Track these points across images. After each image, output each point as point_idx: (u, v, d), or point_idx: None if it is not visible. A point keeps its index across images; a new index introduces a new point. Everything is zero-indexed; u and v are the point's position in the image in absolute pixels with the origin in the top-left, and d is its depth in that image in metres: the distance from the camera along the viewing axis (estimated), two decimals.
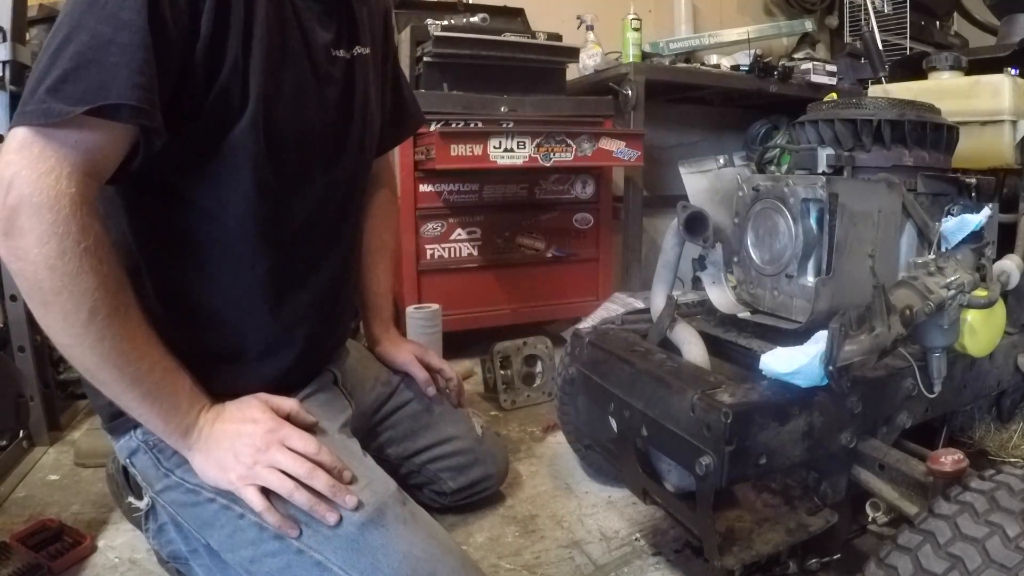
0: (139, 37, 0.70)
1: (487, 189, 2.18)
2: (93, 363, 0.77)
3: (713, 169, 1.11)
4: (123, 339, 0.76)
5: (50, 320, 0.74)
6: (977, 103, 1.31)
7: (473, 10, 2.36)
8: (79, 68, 0.69)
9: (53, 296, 0.72)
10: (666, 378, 0.91)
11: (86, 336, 0.74)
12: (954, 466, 0.77)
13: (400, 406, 1.23)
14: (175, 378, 0.82)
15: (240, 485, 0.83)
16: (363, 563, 0.81)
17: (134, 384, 0.78)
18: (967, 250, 0.95)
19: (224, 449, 0.84)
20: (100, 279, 0.73)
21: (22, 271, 0.71)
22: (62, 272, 0.71)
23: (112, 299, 0.75)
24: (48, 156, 0.69)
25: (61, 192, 0.69)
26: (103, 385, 0.79)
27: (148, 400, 0.80)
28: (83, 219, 0.71)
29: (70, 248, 0.70)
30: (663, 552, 1.15)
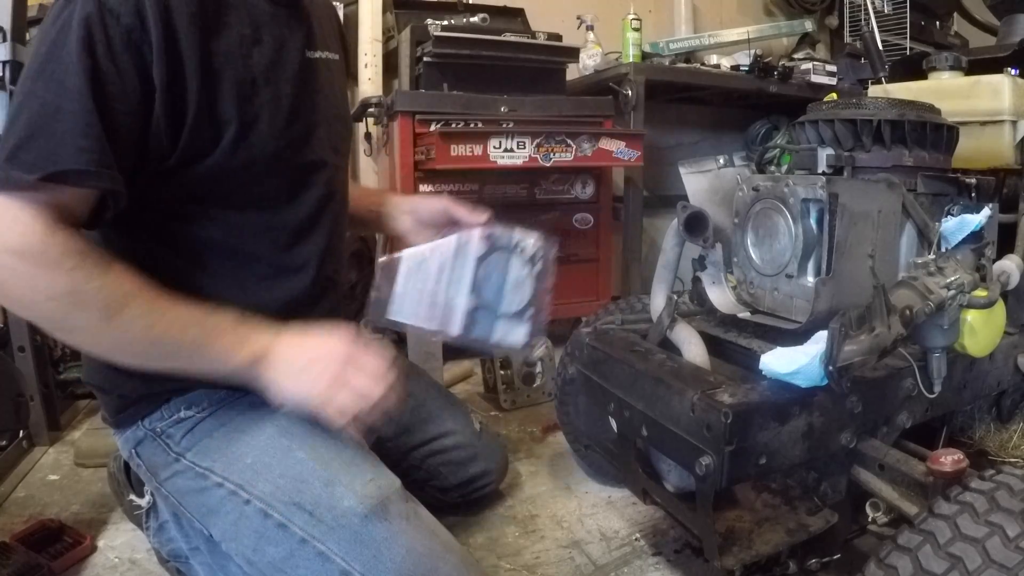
0: (83, 103, 0.72)
1: (487, 189, 2.18)
2: (135, 353, 0.80)
3: (713, 169, 1.11)
4: (147, 319, 0.77)
5: (80, 340, 0.78)
6: (977, 103, 1.31)
7: (473, 10, 2.36)
8: (31, 137, 0.72)
9: (67, 320, 0.75)
10: (666, 378, 0.91)
11: (116, 334, 0.76)
12: (954, 466, 0.77)
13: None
14: (215, 326, 0.81)
15: (320, 405, 0.84)
16: (365, 555, 0.82)
17: (178, 351, 0.80)
18: (967, 250, 0.95)
19: (301, 372, 0.84)
20: (101, 281, 0.74)
21: (34, 316, 0.75)
22: (61, 299, 0.73)
23: (119, 292, 0.76)
24: (17, 215, 0.71)
25: (35, 239, 0.72)
26: (156, 365, 0.81)
27: (200, 357, 0.81)
28: (60, 246, 0.73)
29: (59, 276, 0.72)
30: (663, 552, 1.16)
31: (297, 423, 0.94)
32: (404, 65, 2.17)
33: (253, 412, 0.94)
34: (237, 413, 0.93)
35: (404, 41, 2.15)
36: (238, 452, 0.90)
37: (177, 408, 0.92)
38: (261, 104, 0.87)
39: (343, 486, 0.86)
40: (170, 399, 0.93)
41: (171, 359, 0.81)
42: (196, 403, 0.93)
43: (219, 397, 0.94)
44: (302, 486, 0.86)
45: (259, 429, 0.92)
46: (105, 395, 0.96)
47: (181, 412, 0.92)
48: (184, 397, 0.93)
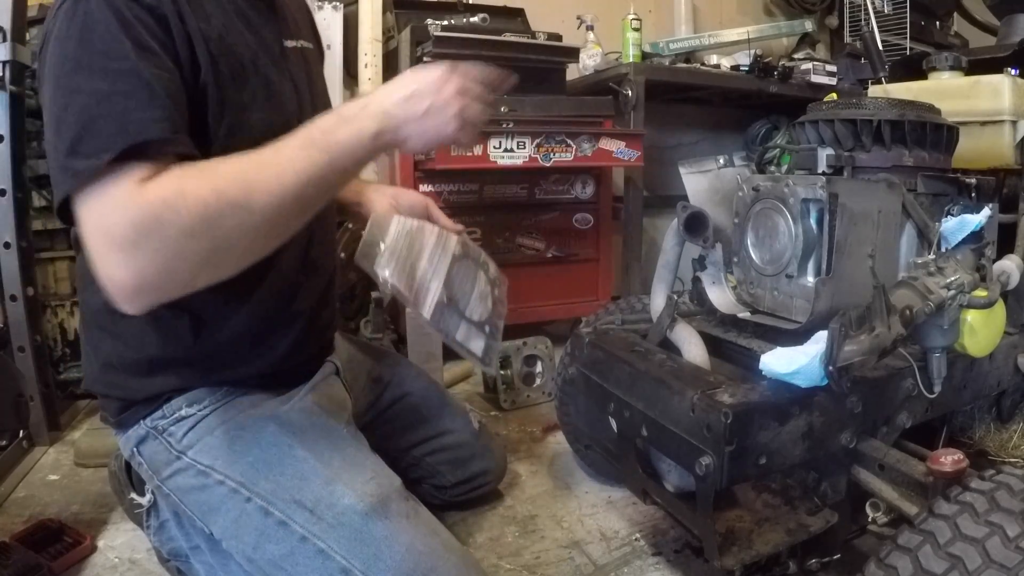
0: (139, 79, 0.71)
1: (487, 189, 2.18)
2: (295, 210, 0.75)
3: (713, 169, 1.11)
4: (273, 175, 0.72)
5: (249, 244, 0.73)
6: (977, 103, 1.31)
7: (473, 10, 2.36)
8: (88, 128, 0.69)
9: (223, 238, 0.70)
10: (666, 378, 0.91)
11: (266, 210, 0.71)
12: (954, 466, 0.77)
13: (396, 400, 1.24)
14: (321, 132, 0.76)
15: (458, 128, 0.82)
16: (366, 553, 0.82)
17: (321, 174, 0.75)
18: (967, 250, 0.95)
19: (425, 116, 0.80)
20: (211, 183, 0.70)
21: (199, 265, 0.70)
22: (202, 229, 0.68)
23: (231, 175, 0.71)
24: (109, 205, 0.68)
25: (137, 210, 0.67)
26: (318, 201, 0.77)
27: (339, 163, 0.76)
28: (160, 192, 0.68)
29: (182, 215, 0.67)
30: (663, 552, 1.16)
31: (298, 421, 0.94)
32: (404, 65, 2.18)
33: (254, 410, 0.94)
34: (238, 411, 0.93)
35: (404, 41, 2.15)
36: (239, 450, 0.90)
37: (179, 406, 0.93)
38: (254, 88, 0.88)
39: (344, 484, 0.87)
40: (172, 397, 0.93)
41: (323, 188, 0.77)
42: (198, 401, 0.93)
43: (220, 395, 0.94)
44: (303, 484, 0.87)
45: (261, 427, 0.92)
46: (107, 399, 0.97)
47: (183, 410, 0.93)
48: (185, 395, 0.93)
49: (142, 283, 0.68)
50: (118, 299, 0.69)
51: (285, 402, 0.97)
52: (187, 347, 0.91)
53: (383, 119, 0.78)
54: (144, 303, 0.70)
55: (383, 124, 0.78)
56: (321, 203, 0.79)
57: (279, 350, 0.98)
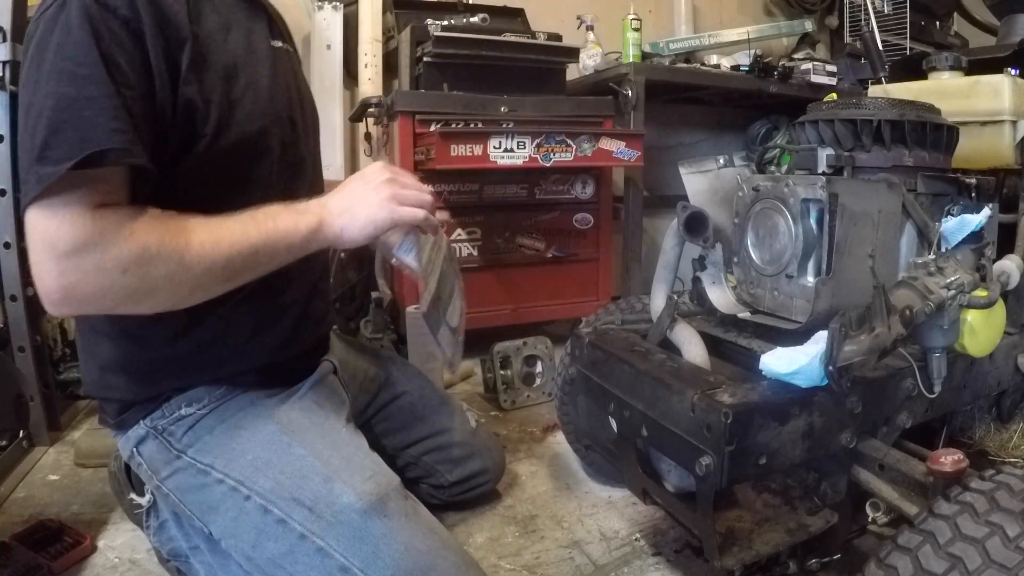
0: (104, 88, 0.73)
1: (487, 189, 2.18)
2: (223, 277, 0.81)
3: (713, 169, 1.11)
4: (213, 239, 0.79)
5: (169, 295, 0.79)
6: (977, 103, 1.31)
7: (473, 10, 2.36)
8: (57, 131, 0.71)
9: (149, 283, 0.75)
10: (666, 378, 0.91)
11: (197, 270, 0.78)
12: (954, 466, 0.77)
13: (393, 399, 1.24)
14: (265, 216, 0.84)
15: (392, 219, 0.90)
16: (364, 551, 0.82)
17: (255, 252, 0.82)
18: (967, 250, 0.95)
19: (361, 206, 0.90)
20: (159, 231, 0.76)
21: (118, 300, 0.76)
22: (133, 267, 0.74)
23: (178, 230, 0.77)
24: (62, 217, 0.72)
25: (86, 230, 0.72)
26: (243, 277, 0.84)
27: (274, 247, 0.84)
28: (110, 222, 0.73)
29: (121, 249, 0.73)
30: (663, 552, 1.16)
31: (297, 420, 0.95)
32: (404, 65, 2.17)
33: (253, 408, 0.94)
34: (237, 409, 0.94)
35: (404, 41, 2.15)
36: (238, 449, 0.90)
37: (178, 406, 0.93)
38: (244, 85, 0.89)
39: (342, 482, 0.87)
40: (171, 397, 0.93)
41: (252, 263, 0.83)
42: (196, 400, 0.93)
43: (219, 394, 0.94)
44: (302, 482, 0.87)
45: (259, 426, 0.92)
46: (106, 401, 0.97)
47: (182, 409, 0.93)
48: (184, 395, 0.93)
49: (67, 296, 0.73)
50: (44, 300, 0.75)
51: (284, 400, 0.97)
52: (181, 343, 0.91)
53: (322, 213, 0.88)
54: (64, 311, 0.77)
55: (322, 219, 0.87)
56: (247, 277, 0.85)
57: (273, 342, 0.98)
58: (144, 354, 0.92)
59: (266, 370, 0.98)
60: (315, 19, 2.42)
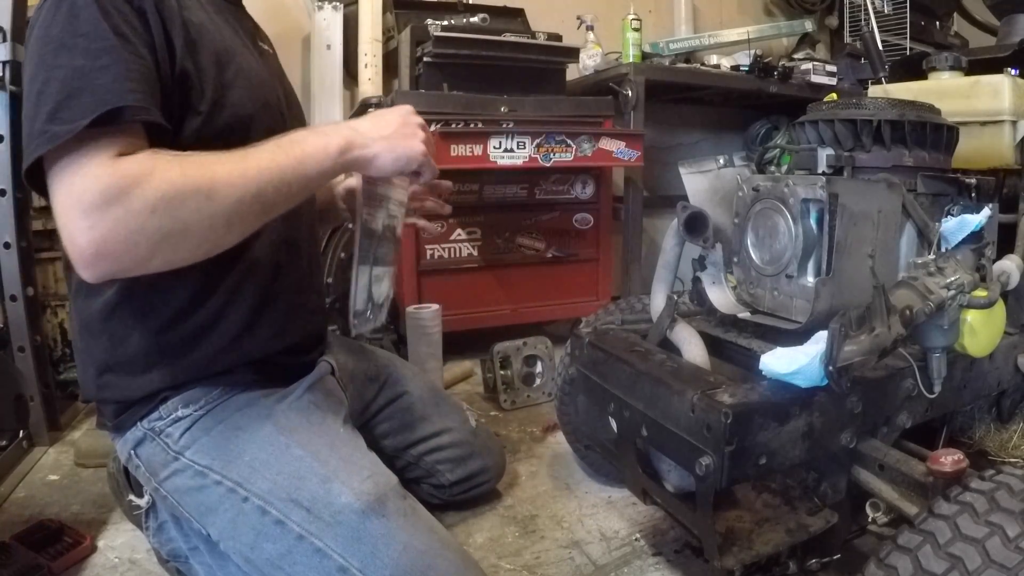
0: (119, 56, 0.75)
1: (487, 189, 2.18)
2: (255, 210, 0.80)
3: (713, 169, 1.11)
4: (239, 171, 0.78)
5: (206, 236, 0.77)
6: (977, 103, 1.31)
7: (473, 10, 2.36)
8: (70, 97, 0.72)
9: (181, 224, 0.74)
10: (666, 378, 0.91)
11: (228, 204, 0.77)
12: (954, 466, 0.77)
13: (393, 399, 1.24)
14: (290, 142, 0.84)
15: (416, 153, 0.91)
16: (363, 551, 0.82)
17: (284, 180, 0.81)
18: (967, 250, 0.95)
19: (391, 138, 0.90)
20: (180, 168, 0.75)
21: (156, 246, 0.74)
22: (163, 209, 0.73)
23: (200, 166, 0.76)
24: (85, 171, 0.71)
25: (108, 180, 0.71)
26: (278, 206, 0.83)
27: (304, 172, 0.83)
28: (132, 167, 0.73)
29: (147, 191, 0.72)
30: (663, 552, 1.16)
31: (295, 420, 0.95)
32: (404, 65, 2.18)
33: (251, 409, 0.94)
34: (234, 410, 0.94)
35: (404, 41, 2.15)
36: (236, 450, 0.90)
37: (175, 407, 0.93)
38: (235, 71, 0.91)
39: (340, 483, 0.87)
40: (167, 398, 0.93)
41: (284, 189, 0.81)
42: (193, 401, 0.93)
43: (216, 394, 0.94)
44: (300, 483, 0.87)
45: (257, 426, 0.92)
46: (104, 403, 0.97)
47: (179, 411, 0.93)
48: (181, 396, 0.93)
49: (100, 250, 0.72)
50: (78, 264, 0.73)
51: (281, 401, 0.97)
52: (174, 335, 0.91)
53: (352, 135, 0.87)
54: (101, 271, 0.74)
55: (351, 139, 0.87)
56: (281, 207, 0.83)
57: (264, 332, 0.97)
58: (136, 346, 0.91)
59: (261, 366, 0.98)
60: (315, 19, 2.42)
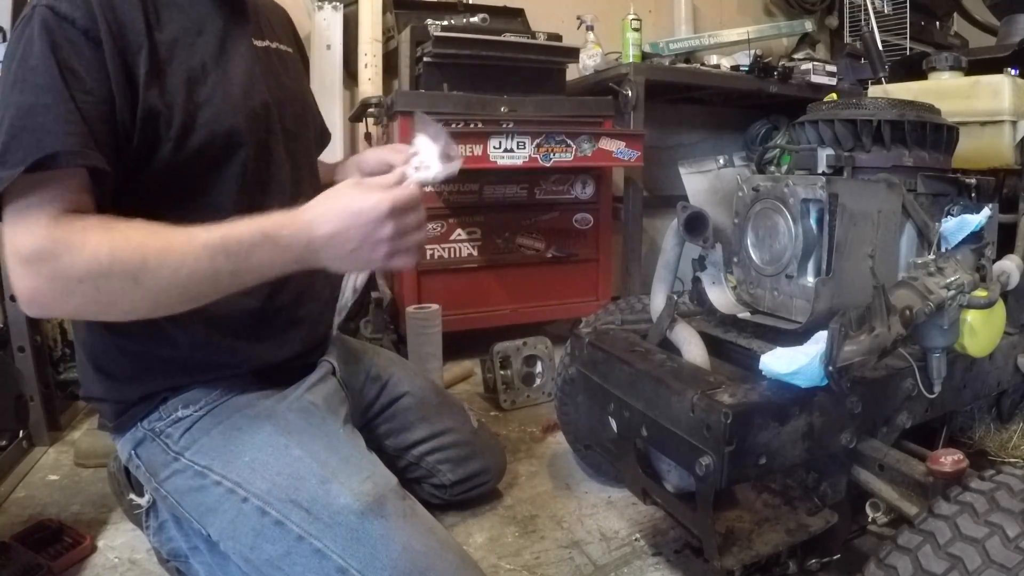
0: (58, 95, 0.75)
1: (487, 189, 2.18)
2: (182, 299, 0.79)
3: (713, 169, 1.11)
4: (172, 264, 0.75)
5: (128, 309, 0.78)
6: (977, 103, 1.31)
7: (473, 10, 2.36)
8: (14, 138, 0.74)
9: (104, 296, 0.75)
10: (666, 378, 0.91)
11: (153, 291, 0.76)
12: (954, 466, 0.77)
13: (395, 399, 1.24)
14: (238, 243, 0.77)
15: (384, 265, 0.83)
16: (362, 552, 0.82)
17: (218, 281, 0.78)
18: (967, 250, 0.95)
19: (352, 254, 0.80)
20: (110, 245, 0.74)
21: (76, 307, 0.77)
22: (87, 279, 0.74)
23: (130, 248, 0.75)
24: (26, 225, 0.74)
25: (43, 238, 0.73)
26: (207, 300, 0.80)
27: (241, 278, 0.79)
28: (66, 232, 0.74)
29: (76, 259, 0.73)
30: (663, 552, 1.16)
31: (294, 421, 0.95)
32: (404, 65, 2.17)
33: (250, 410, 0.94)
34: (234, 411, 0.94)
35: (404, 41, 2.15)
36: (236, 450, 0.90)
37: (175, 407, 0.93)
38: (213, 84, 0.89)
39: (339, 483, 0.87)
40: (167, 399, 0.93)
41: (214, 289, 0.79)
42: (193, 402, 0.93)
43: (216, 395, 0.94)
44: (299, 484, 0.87)
45: (257, 427, 0.92)
46: (104, 403, 0.97)
47: (179, 411, 0.93)
48: (181, 396, 0.93)
49: (33, 299, 0.75)
50: (20, 303, 0.78)
51: (281, 401, 0.97)
52: (174, 346, 0.92)
53: (304, 251, 0.79)
54: (37, 314, 0.79)
55: (302, 256, 0.79)
56: (210, 300, 0.81)
57: (266, 344, 0.98)
58: (137, 355, 0.92)
59: (262, 372, 0.98)
60: (315, 19, 2.42)
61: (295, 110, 1.06)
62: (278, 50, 1.06)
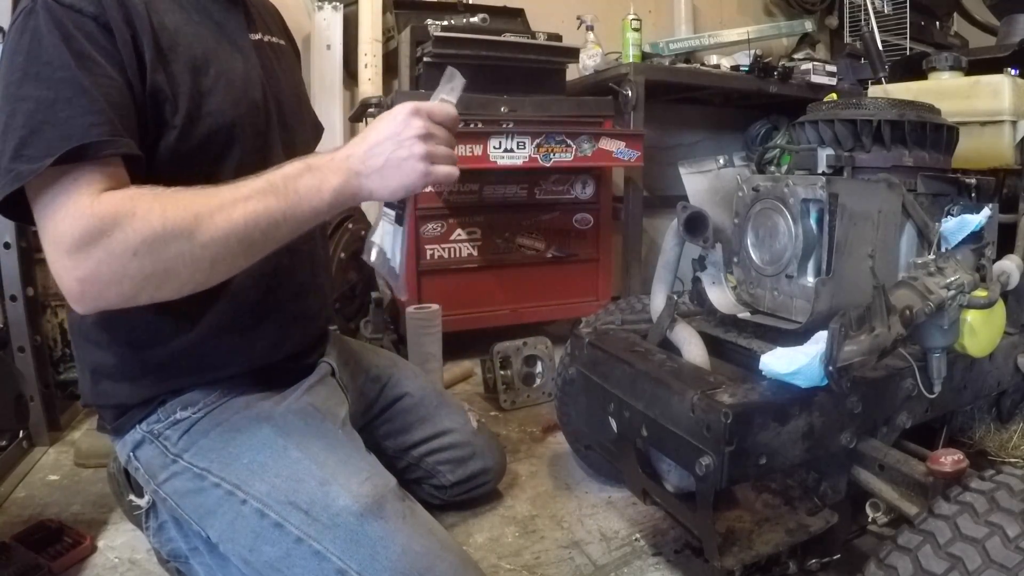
0: (79, 86, 0.73)
1: (487, 189, 2.18)
2: (240, 251, 0.77)
3: (713, 169, 1.11)
4: (224, 213, 0.75)
5: (189, 276, 0.76)
6: (977, 103, 1.31)
7: (473, 10, 2.36)
8: (34, 133, 0.71)
9: (163, 264, 0.73)
10: (666, 378, 0.91)
11: (212, 246, 0.74)
12: (954, 466, 0.77)
13: (395, 400, 1.24)
14: (283, 181, 0.78)
15: (425, 181, 0.82)
16: (362, 554, 0.82)
17: (272, 223, 0.77)
18: (967, 250, 0.95)
19: (390, 169, 0.81)
20: (161, 208, 0.73)
21: (137, 286, 0.74)
22: (144, 251, 0.72)
23: (182, 206, 0.74)
24: (66, 211, 0.71)
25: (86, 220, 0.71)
26: (264, 247, 0.79)
27: (294, 217, 0.78)
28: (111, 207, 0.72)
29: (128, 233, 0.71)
30: (663, 552, 1.15)
31: (293, 422, 0.94)
32: (404, 65, 2.17)
33: (249, 411, 0.94)
34: (233, 412, 0.93)
35: (404, 41, 2.15)
36: (235, 452, 0.90)
37: (173, 409, 0.93)
38: (216, 75, 0.89)
39: (339, 485, 0.87)
40: (166, 401, 0.93)
41: (273, 232, 0.78)
42: (192, 404, 0.93)
43: (215, 397, 0.94)
44: (298, 485, 0.87)
45: (255, 429, 0.92)
46: (103, 407, 0.97)
47: (177, 413, 0.93)
48: (180, 398, 0.93)
49: (86, 289, 0.72)
50: (68, 299, 0.74)
51: (279, 403, 0.97)
52: (170, 346, 0.91)
53: (346, 174, 0.80)
54: (89, 307, 0.75)
55: (345, 179, 0.80)
56: (269, 248, 0.80)
57: (263, 343, 0.98)
58: (133, 359, 0.92)
59: (261, 372, 0.98)
60: (315, 19, 2.42)
61: (291, 104, 1.06)
62: (272, 43, 1.06)
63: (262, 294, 0.96)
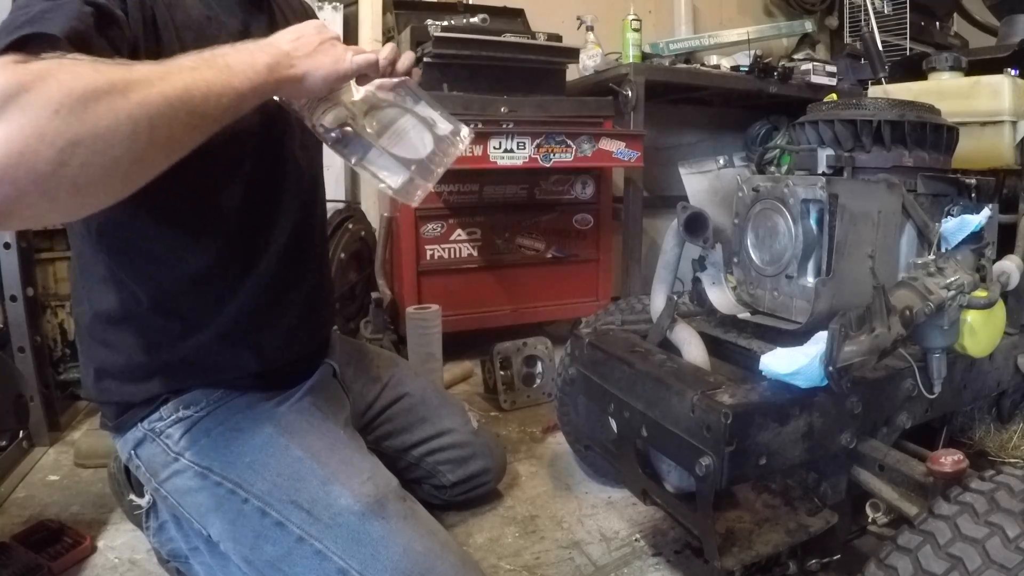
0: (79, 5, 0.69)
1: (487, 190, 2.18)
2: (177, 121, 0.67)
3: (713, 170, 1.11)
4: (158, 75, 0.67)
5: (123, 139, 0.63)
6: (977, 104, 1.31)
7: (473, 10, 2.36)
8: (13, 23, 0.64)
9: (91, 120, 0.60)
10: (666, 379, 0.91)
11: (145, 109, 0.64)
12: (954, 467, 0.77)
13: (395, 400, 1.24)
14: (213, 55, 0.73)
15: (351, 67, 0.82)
16: (363, 554, 0.82)
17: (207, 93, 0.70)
18: (967, 251, 0.95)
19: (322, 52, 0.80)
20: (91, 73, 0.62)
21: (66, 144, 0.60)
22: (67, 117, 0.60)
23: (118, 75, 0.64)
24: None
25: (12, 75, 0.59)
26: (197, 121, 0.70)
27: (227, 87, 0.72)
28: (35, 67, 0.61)
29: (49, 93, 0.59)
30: (663, 553, 1.16)
31: (295, 422, 0.95)
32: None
33: (251, 411, 0.94)
34: (235, 412, 0.94)
35: (404, 41, 2.15)
36: (236, 451, 0.90)
37: (175, 408, 0.93)
38: None
39: (340, 485, 0.87)
40: (168, 400, 0.93)
41: (213, 102, 0.70)
42: (194, 403, 0.93)
43: (217, 396, 0.94)
44: (299, 484, 0.87)
45: (257, 428, 0.92)
46: (104, 405, 0.97)
47: (179, 412, 0.93)
48: (182, 397, 0.93)
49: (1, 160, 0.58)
50: None
51: (281, 403, 0.97)
52: (178, 350, 0.92)
53: (277, 53, 0.77)
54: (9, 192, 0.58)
55: (277, 58, 0.77)
56: (209, 122, 0.72)
57: (272, 346, 0.98)
58: (138, 359, 0.92)
59: (263, 374, 0.98)
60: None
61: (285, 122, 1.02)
62: None
63: (271, 301, 0.96)
